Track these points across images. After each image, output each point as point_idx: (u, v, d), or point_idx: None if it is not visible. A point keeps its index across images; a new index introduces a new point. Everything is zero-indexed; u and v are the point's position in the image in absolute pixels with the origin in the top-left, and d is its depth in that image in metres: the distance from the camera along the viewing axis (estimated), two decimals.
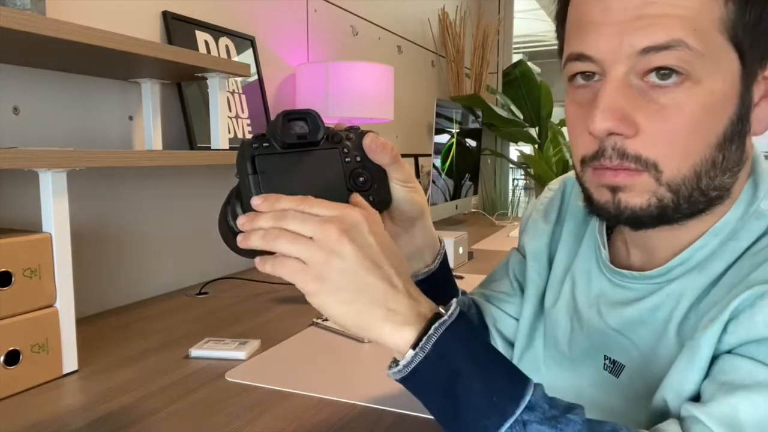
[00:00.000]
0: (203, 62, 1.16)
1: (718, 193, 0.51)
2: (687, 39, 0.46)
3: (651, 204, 0.50)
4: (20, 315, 0.81)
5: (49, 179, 0.84)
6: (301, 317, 1.15)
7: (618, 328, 0.58)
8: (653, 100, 0.48)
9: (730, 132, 0.49)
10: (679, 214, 0.51)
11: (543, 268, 0.69)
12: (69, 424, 0.73)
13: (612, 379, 0.59)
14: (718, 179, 0.50)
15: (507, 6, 3.52)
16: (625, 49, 0.47)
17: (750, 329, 0.44)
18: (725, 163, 0.50)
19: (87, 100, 1.21)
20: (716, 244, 0.52)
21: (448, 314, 0.45)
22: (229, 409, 0.77)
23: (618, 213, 0.51)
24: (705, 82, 0.47)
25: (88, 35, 0.89)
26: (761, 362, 0.43)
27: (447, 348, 0.44)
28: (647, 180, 0.49)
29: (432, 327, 0.44)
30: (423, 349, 0.44)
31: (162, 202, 1.37)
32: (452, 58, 3.03)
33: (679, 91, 0.47)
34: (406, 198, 0.58)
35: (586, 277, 0.64)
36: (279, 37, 1.79)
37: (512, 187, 4.33)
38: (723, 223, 0.52)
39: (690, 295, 0.52)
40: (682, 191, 0.49)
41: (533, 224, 0.72)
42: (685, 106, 0.47)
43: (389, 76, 1.88)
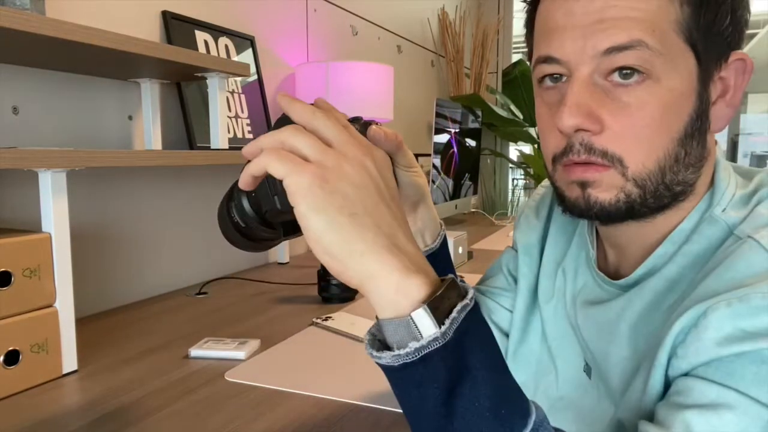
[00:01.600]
0: (203, 62, 1.16)
1: (682, 188, 0.53)
2: (646, 39, 0.48)
3: (619, 199, 0.52)
4: (20, 315, 0.81)
5: (48, 179, 0.84)
6: (300, 317, 1.15)
7: (581, 326, 0.61)
8: (617, 98, 0.50)
9: (691, 128, 0.51)
10: (646, 208, 0.53)
11: (534, 261, 0.71)
12: (69, 424, 0.73)
13: (586, 379, 0.62)
14: (681, 174, 0.52)
15: (506, 6, 3.52)
16: (589, 50, 0.49)
17: (698, 351, 0.44)
18: (687, 159, 0.52)
19: (86, 100, 1.20)
20: (674, 250, 0.54)
21: (469, 297, 0.39)
22: (228, 409, 0.77)
23: (588, 208, 0.53)
24: (664, 81, 0.49)
25: (87, 35, 0.89)
26: (712, 381, 0.43)
27: (466, 338, 0.37)
28: (614, 175, 0.51)
29: (455, 309, 0.37)
30: (445, 335, 0.36)
31: (161, 201, 1.37)
32: (452, 58, 3.03)
33: (640, 89, 0.49)
34: (410, 182, 0.61)
35: (573, 274, 0.66)
36: (279, 36, 1.79)
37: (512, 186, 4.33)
38: (679, 230, 0.54)
39: (644, 297, 0.54)
40: (647, 186, 0.51)
41: (525, 220, 0.75)
42: (647, 104, 0.49)
43: (389, 76, 1.88)
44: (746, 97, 6.25)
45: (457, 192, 2.52)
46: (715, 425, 0.41)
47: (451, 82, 3.07)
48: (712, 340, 0.43)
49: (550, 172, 0.57)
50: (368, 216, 0.39)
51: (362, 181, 0.40)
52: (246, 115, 1.60)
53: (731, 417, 0.41)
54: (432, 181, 2.23)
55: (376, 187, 0.41)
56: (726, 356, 0.43)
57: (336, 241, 0.38)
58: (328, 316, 1.14)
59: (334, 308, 1.21)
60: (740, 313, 0.43)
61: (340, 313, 1.16)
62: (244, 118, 1.59)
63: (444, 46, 3.03)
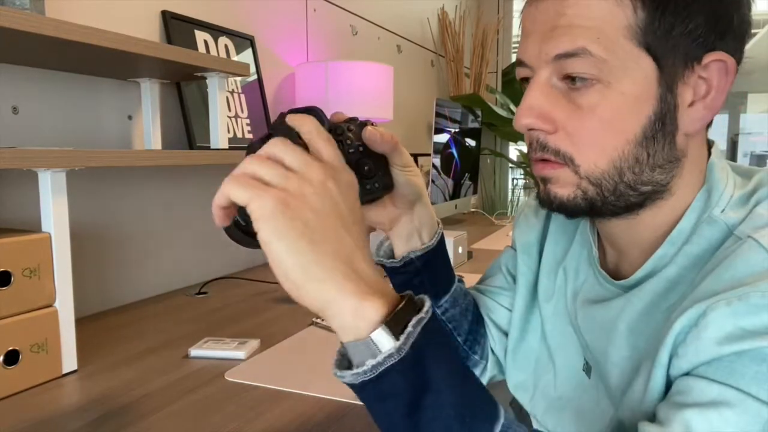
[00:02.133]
0: (202, 62, 1.16)
1: (652, 188, 0.54)
2: (590, 47, 0.50)
3: (576, 195, 0.54)
4: (19, 315, 0.81)
5: (48, 179, 0.84)
6: (300, 317, 1.15)
7: (581, 326, 0.62)
8: (572, 100, 0.52)
9: (650, 131, 0.52)
10: (611, 206, 0.54)
11: (533, 260, 0.73)
12: (68, 423, 0.73)
13: (586, 379, 0.62)
14: (646, 175, 0.53)
15: (506, 5, 3.52)
16: (544, 55, 0.52)
17: (699, 351, 0.44)
18: (651, 160, 0.53)
19: (86, 100, 1.20)
20: (674, 251, 0.54)
21: (425, 311, 0.40)
22: (228, 408, 0.77)
23: (549, 202, 0.56)
24: (615, 85, 0.51)
25: (87, 35, 0.89)
26: (713, 380, 0.43)
27: (424, 352, 0.38)
28: (568, 173, 0.54)
29: (410, 324, 0.39)
30: (400, 351, 0.38)
31: (161, 201, 1.37)
32: (452, 58, 3.03)
33: (591, 93, 0.51)
34: (406, 181, 0.62)
35: (574, 273, 0.67)
36: (278, 36, 1.79)
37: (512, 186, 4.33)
38: (678, 231, 0.54)
39: (643, 298, 0.55)
40: (604, 184, 0.53)
41: (524, 219, 0.76)
42: (597, 107, 0.51)
43: (389, 76, 1.88)
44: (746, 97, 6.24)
45: (456, 192, 2.52)
46: (715, 423, 0.41)
47: (451, 81, 3.07)
48: (712, 339, 0.43)
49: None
50: (327, 242, 0.40)
51: (323, 207, 0.41)
52: (246, 114, 1.60)
53: (731, 415, 0.41)
54: (432, 180, 2.23)
55: (336, 212, 0.42)
56: (726, 355, 0.43)
57: (296, 267, 0.39)
58: None
59: None
60: (740, 311, 0.43)
61: None
62: (244, 117, 1.59)
63: (444, 45, 3.03)
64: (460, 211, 2.60)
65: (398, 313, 0.39)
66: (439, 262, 0.69)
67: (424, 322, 0.39)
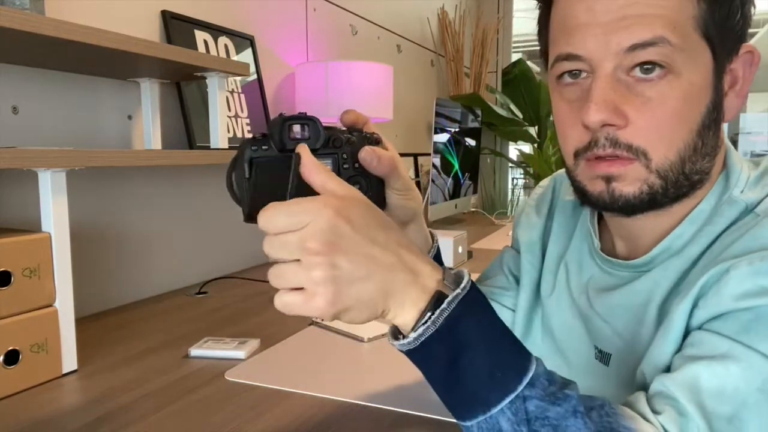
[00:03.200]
0: (202, 62, 1.16)
1: (699, 177, 0.55)
2: (668, 36, 0.50)
3: (642, 191, 0.54)
4: (19, 315, 0.81)
5: (48, 179, 0.84)
6: (300, 317, 1.15)
7: (603, 313, 0.62)
8: (640, 93, 0.52)
9: (707, 120, 0.53)
10: (667, 198, 0.55)
11: (536, 258, 0.73)
12: (68, 423, 0.73)
13: (603, 368, 0.62)
14: (699, 163, 0.54)
15: (506, 5, 3.52)
16: (612, 47, 0.51)
17: (717, 303, 0.47)
18: (704, 149, 0.54)
19: (86, 100, 1.20)
20: (693, 230, 0.56)
21: (461, 287, 0.44)
22: (228, 408, 0.77)
23: (612, 201, 0.54)
24: (684, 75, 0.51)
25: (87, 35, 0.89)
26: (724, 335, 0.46)
27: (458, 323, 0.43)
28: (638, 168, 0.53)
29: (445, 300, 0.43)
30: (435, 323, 0.43)
31: (161, 201, 1.37)
32: (451, 58, 3.03)
33: (662, 84, 0.51)
34: (401, 204, 0.60)
35: (577, 266, 0.67)
36: (278, 36, 1.79)
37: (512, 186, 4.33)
38: (698, 211, 0.56)
39: (670, 277, 0.56)
40: (669, 177, 0.53)
41: (526, 218, 0.76)
42: (668, 98, 0.51)
43: (388, 76, 1.88)
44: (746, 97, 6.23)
45: (456, 191, 2.52)
46: (720, 376, 0.44)
47: (451, 81, 3.06)
48: (731, 294, 0.46)
49: (570, 167, 0.58)
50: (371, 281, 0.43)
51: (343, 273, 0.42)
52: (246, 114, 1.60)
53: (736, 369, 0.44)
54: (432, 180, 2.23)
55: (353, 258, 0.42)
56: (742, 309, 0.46)
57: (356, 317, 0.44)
58: None
59: None
60: (761, 270, 0.46)
61: None
62: (244, 117, 1.59)
63: (444, 45, 3.03)
64: (460, 210, 2.60)
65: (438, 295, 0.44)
66: None
67: (459, 298, 0.44)
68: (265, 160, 0.51)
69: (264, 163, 0.51)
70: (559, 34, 0.55)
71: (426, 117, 2.77)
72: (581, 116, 0.52)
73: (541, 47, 0.62)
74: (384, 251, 0.44)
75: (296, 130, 0.52)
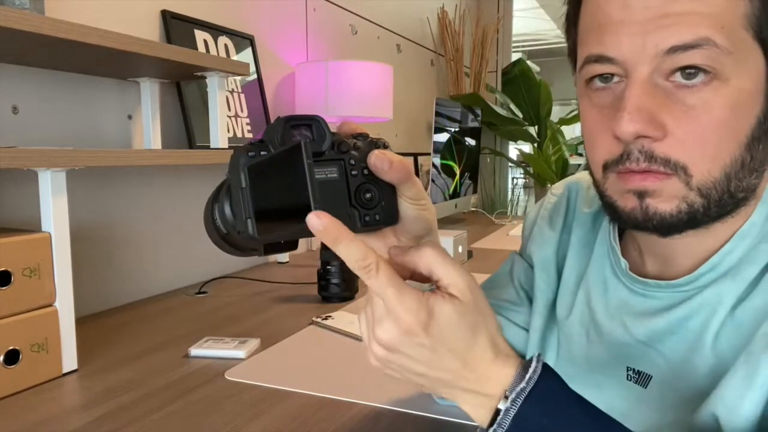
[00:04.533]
0: (202, 61, 1.16)
1: (745, 195, 0.49)
2: (714, 37, 0.44)
3: (681, 210, 0.48)
4: (20, 314, 0.81)
5: (48, 179, 0.84)
6: (300, 316, 1.15)
7: (645, 339, 0.56)
8: (680, 100, 0.46)
9: (758, 131, 0.47)
10: (708, 218, 0.49)
11: (551, 277, 0.67)
12: (68, 423, 0.73)
13: (639, 389, 0.57)
14: (746, 180, 0.48)
15: (506, 4, 3.52)
16: (650, 49, 0.45)
17: None
18: (753, 163, 0.48)
19: (86, 100, 1.20)
20: (746, 247, 0.50)
21: (526, 380, 0.42)
22: (228, 408, 0.77)
23: (646, 220, 0.49)
24: (733, 81, 0.45)
25: (86, 34, 0.89)
26: None
27: (527, 418, 0.41)
28: (676, 184, 0.47)
29: (509, 399, 0.41)
30: (501, 425, 0.41)
31: (161, 201, 1.37)
32: (451, 57, 3.03)
33: (707, 91, 0.45)
34: (416, 216, 0.53)
35: (602, 287, 0.61)
36: (278, 36, 1.79)
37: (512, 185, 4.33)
38: (750, 224, 0.50)
39: (725, 303, 0.50)
40: (712, 195, 0.47)
41: (539, 231, 0.70)
42: (714, 106, 0.45)
43: (388, 75, 1.88)
44: None
45: (456, 191, 2.52)
46: None
47: (451, 81, 3.07)
48: None
49: (598, 180, 0.52)
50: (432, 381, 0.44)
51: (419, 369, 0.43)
52: (245, 114, 1.60)
53: None
54: (432, 180, 2.23)
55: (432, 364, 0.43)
56: None
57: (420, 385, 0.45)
58: (328, 315, 1.14)
59: (334, 307, 1.21)
60: None
61: (340, 312, 1.16)
62: (244, 117, 1.59)
63: (443, 45, 3.03)
64: (460, 210, 2.60)
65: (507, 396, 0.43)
66: None
67: (527, 393, 0.41)
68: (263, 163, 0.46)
69: (261, 167, 0.46)
70: (589, 32, 0.49)
71: (426, 117, 2.77)
72: (612, 126, 0.47)
73: (569, 46, 0.55)
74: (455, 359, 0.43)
75: (299, 132, 0.47)
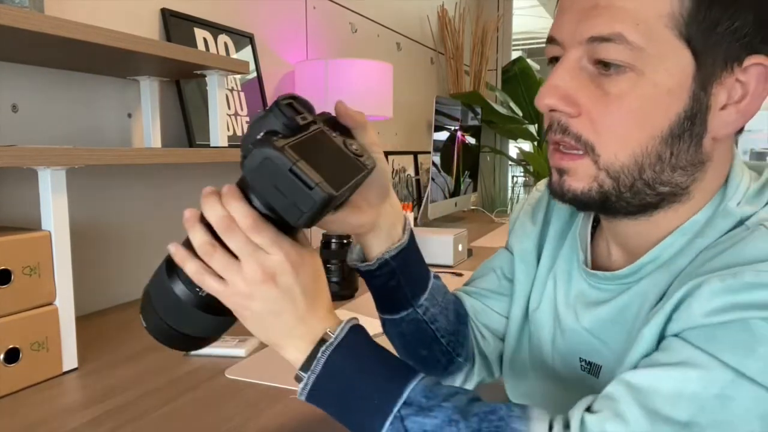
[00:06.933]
0: (202, 60, 1.16)
1: (671, 189, 0.52)
2: (627, 33, 0.47)
3: (592, 188, 0.52)
4: (20, 313, 0.81)
5: (48, 177, 0.84)
6: None
7: (590, 328, 0.60)
8: (601, 86, 0.50)
9: (678, 129, 0.50)
10: (624, 202, 0.53)
11: (530, 269, 0.69)
12: (68, 421, 0.73)
13: (593, 380, 0.60)
14: (666, 174, 0.51)
15: (506, 3, 3.52)
16: (578, 36, 0.50)
17: (687, 318, 0.46)
18: (674, 160, 0.51)
19: (86, 98, 1.20)
20: (684, 242, 0.53)
21: (335, 335, 0.50)
22: (228, 406, 0.77)
23: (562, 194, 0.54)
24: (648, 75, 0.48)
25: (86, 33, 0.89)
26: (690, 343, 0.45)
27: (334, 366, 0.49)
28: (587, 164, 0.52)
29: (320, 350, 0.49)
30: (314, 371, 0.49)
31: (161, 199, 1.37)
32: (451, 55, 3.03)
33: (622, 80, 0.49)
34: (379, 167, 0.58)
35: (566, 278, 0.64)
36: (278, 34, 1.79)
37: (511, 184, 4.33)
38: (692, 222, 0.53)
39: (656, 291, 0.53)
40: (622, 179, 0.51)
41: (521, 225, 0.73)
42: (626, 96, 0.49)
43: (388, 74, 1.88)
44: None
45: (456, 189, 2.52)
46: (679, 380, 0.44)
47: (451, 79, 3.06)
48: (700, 311, 0.45)
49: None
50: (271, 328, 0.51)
51: (264, 307, 0.50)
52: (245, 112, 1.60)
53: (694, 375, 0.43)
54: (432, 179, 2.23)
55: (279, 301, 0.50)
56: (712, 324, 0.44)
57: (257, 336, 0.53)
58: None
59: (334, 306, 1.21)
60: (732, 287, 0.44)
61: (339, 311, 1.16)
62: (244, 115, 1.59)
63: (443, 43, 3.03)
64: (460, 208, 2.60)
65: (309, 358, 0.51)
66: (413, 260, 0.65)
67: (334, 345, 0.50)
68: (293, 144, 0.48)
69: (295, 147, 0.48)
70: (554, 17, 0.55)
71: (426, 115, 2.77)
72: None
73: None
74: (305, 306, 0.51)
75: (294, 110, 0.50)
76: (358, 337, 0.51)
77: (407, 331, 0.66)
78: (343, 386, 0.49)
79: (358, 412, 0.49)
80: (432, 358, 0.68)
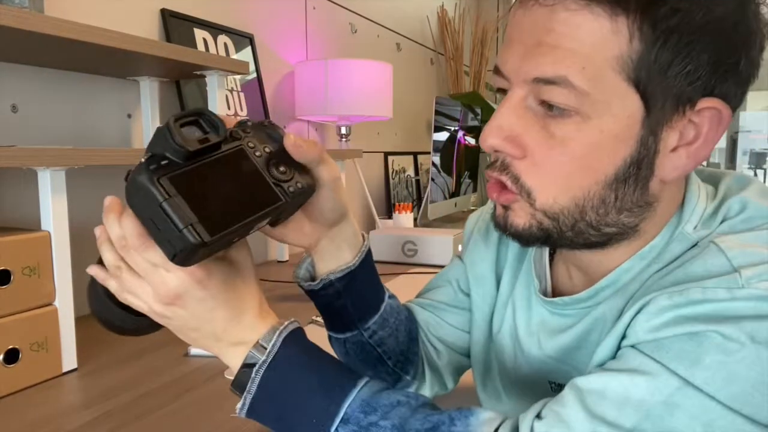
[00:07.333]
0: (202, 60, 1.16)
1: (618, 230, 0.51)
2: (572, 77, 0.45)
3: (532, 225, 0.51)
4: (19, 313, 0.81)
5: (47, 177, 0.84)
6: (299, 315, 1.15)
7: (556, 356, 0.59)
8: (546, 127, 0.48)
9: (624, 174, 0.48)
10: (568, 240, 0.52)
11: (488, 292, 0.67)
12: (68, 422, 0.73)
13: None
14: (611, 217, 0.50)
15: (505, 3, 3.52)
16: (522, 74, 0.48)
17: (638, 332, 0.46)
18: (619, 203, 0.49)
19: (85, 99, 1.20)
20: (641, 266, 0.52)
21: (268, 350, 0.49)
22: (227, 406, 0.77)
23: (505, 228, 0.53)
24: (594, 120, 0.46)
25: (86, 33, 0.89)
26: (641, 352, 0.45)
27: (269, 386, 0.49)
28: (523, 204, 0.51)
29: (253, 370, 0.49)
30: (249, 391, 0.48)
31: None
32: (451, 56, 3.03)
33: (567, 124, 0.47)
34: (331, 198, 0.56)
35: (526, 305, 0.63)
36: (278, 34, 1.79)
37: None
38: (650, 247, 0.52)
39: (613, 314, 0.52)
40: (562, 220, 0.50)
41: (474, 244, 0.70)
42: (571, 140, 0.47)
43: (388, 74, 1.88)
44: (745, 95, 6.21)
45: (456, 190, 2.52)
46: (626, 386, 0.44)
47: (451, 80, 3.06)
48: (649, 326, 0.45)
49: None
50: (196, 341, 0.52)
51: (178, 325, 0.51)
52: (245, 113, 1.60)
53: (642, 381, 0.43)
54: (432, 179, 2.24)
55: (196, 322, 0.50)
56: (661, 338, 0.45)
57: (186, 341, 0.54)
58: None
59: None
60: (678, 304, 0.44)
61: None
62: (244, 116, 1.59)
63: (443, 43, 3.03)
64: (460, 209, 2.60)
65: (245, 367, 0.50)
66: (363, 282, 0.62)
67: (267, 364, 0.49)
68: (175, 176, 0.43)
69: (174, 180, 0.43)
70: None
71: (426, 115, 2.77)
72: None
73: None
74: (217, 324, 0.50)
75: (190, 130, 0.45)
76: (292, 349, 0.50)
77: (351, 351, 0.66)
78: (280, 405, 0.48)
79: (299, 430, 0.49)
80: (377, 377, 0.65)
